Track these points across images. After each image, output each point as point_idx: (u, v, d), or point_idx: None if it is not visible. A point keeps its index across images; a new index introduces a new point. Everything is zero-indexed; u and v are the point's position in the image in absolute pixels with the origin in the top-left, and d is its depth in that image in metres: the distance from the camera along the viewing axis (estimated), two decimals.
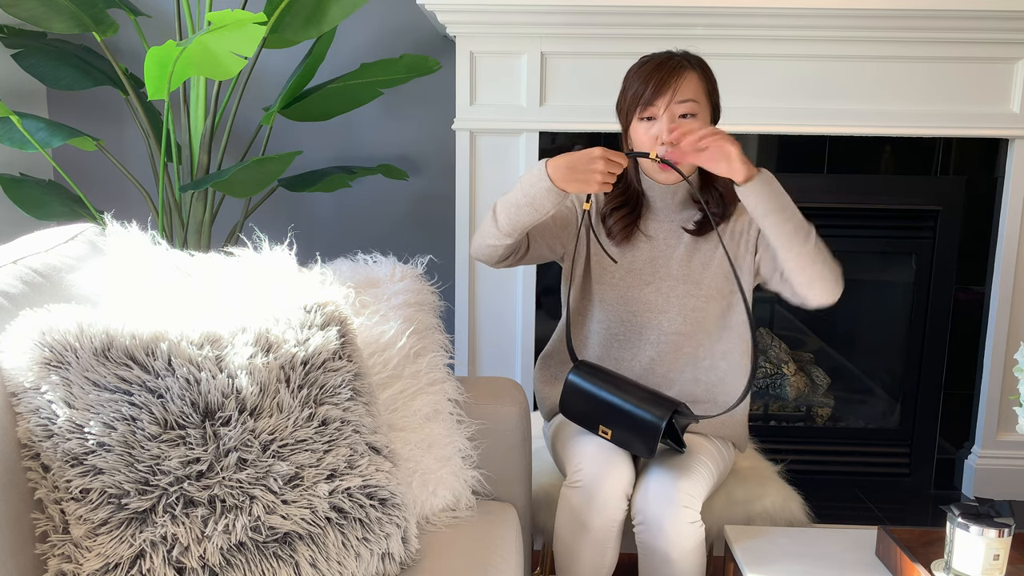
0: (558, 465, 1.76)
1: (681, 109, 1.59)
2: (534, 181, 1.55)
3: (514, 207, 1.58)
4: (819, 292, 1.60)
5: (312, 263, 1.52)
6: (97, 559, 1.05)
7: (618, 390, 1.58)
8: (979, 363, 2.59)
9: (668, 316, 1.72)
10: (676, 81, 1.58)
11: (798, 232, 1.56)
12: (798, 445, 2.66)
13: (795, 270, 1.58)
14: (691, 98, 1.59)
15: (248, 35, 1.75)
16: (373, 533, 1.22)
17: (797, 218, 1.57)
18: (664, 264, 1.72)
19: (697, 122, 1.60)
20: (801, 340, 2.82)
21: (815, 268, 1.57)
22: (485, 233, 1.65)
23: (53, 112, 2.70)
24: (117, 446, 1.07)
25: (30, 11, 2.10)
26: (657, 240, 1.72)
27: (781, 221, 1.55)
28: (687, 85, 1.59)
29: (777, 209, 1.55)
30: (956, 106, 2.40)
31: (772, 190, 1.54)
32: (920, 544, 1.43)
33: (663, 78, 1.59)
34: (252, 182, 2.13)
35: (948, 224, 2.51)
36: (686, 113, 1.60)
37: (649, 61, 1.64)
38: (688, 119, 1.60)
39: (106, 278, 1.35)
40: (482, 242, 1.67)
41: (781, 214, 1.55)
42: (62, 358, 1.07)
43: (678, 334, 1.72)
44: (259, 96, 2.62)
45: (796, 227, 1.56)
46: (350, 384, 1.27)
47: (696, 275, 1.71)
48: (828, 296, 1.61)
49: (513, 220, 1.59)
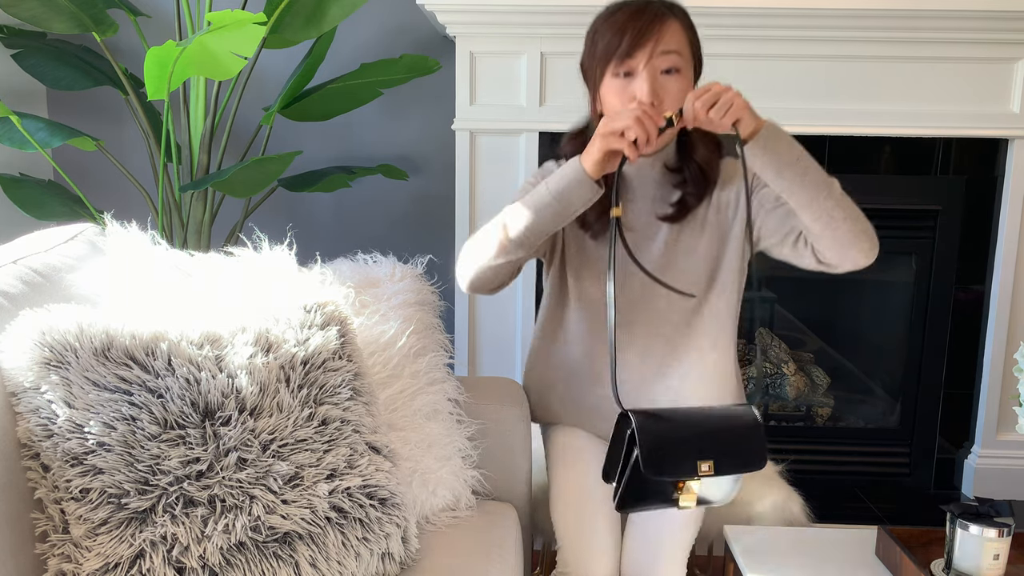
0: None
1: (664, 63, 1.36)
2: (563, 173, 1.36)
3: (534, 211, 1.38)
4: (854, 253, 1.37)
5: (312, 263, 1.52)
6: (97, 559, 1.04)
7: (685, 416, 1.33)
8: (979, 363, 2.59)
9: (653, 310, 1.54)
10: (658, 30, 1.35)
11: (820, 185, 1.33)
12: (798, 445, 2.66)
13: (822, 233, 1.36)
14: (675, 49, 1.36)
15: (248, 35, 1.75)
16: (373, 533, 1.22)
17: (815, 168, 1.34)
18: (645, 255, 1.52)
19: (682, 78, 1.38)
20: (801, 340, 2.82)
21: (846, 226, 1.35)
22: (487, 252, 1.43)
23: (53, 112, 2.70)
24: (117, 446, 1.07)
25: (30, 11, 2.10)
26: (635, 232, 1.52)
27: (799, 174, 1.32)
28: (670, 35, 1.36)
29: (792, 161, 1.31)
30: (956, 106, 2.40)
31: (782, 140, 1.32)
32: (920, 544, 1.43)
33: (642, 28, 1.35)
34: (252, 182, 2.13)
35: (948, 224, 2.51)
36: (669, 68, 1.36)
37: (621, 8, 1.39)
38: (672, 75, 1.37)
39: (106, 278, 1.35)
40: (483, 264, 1.44)
41: (797, 165, 1.32)
42: (62, 358, 1.07)
43: (665, 329, 1.55)
44: (259, 96, 2.62)
45: (817, 179, 1.33)
46: (350, 384, 1.27)
47: (680, 264, 1.52)
48: (864, 257, 1.38)
49: (532, 226, 1.38)
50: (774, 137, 1.31)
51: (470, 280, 1.48)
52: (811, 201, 1.34)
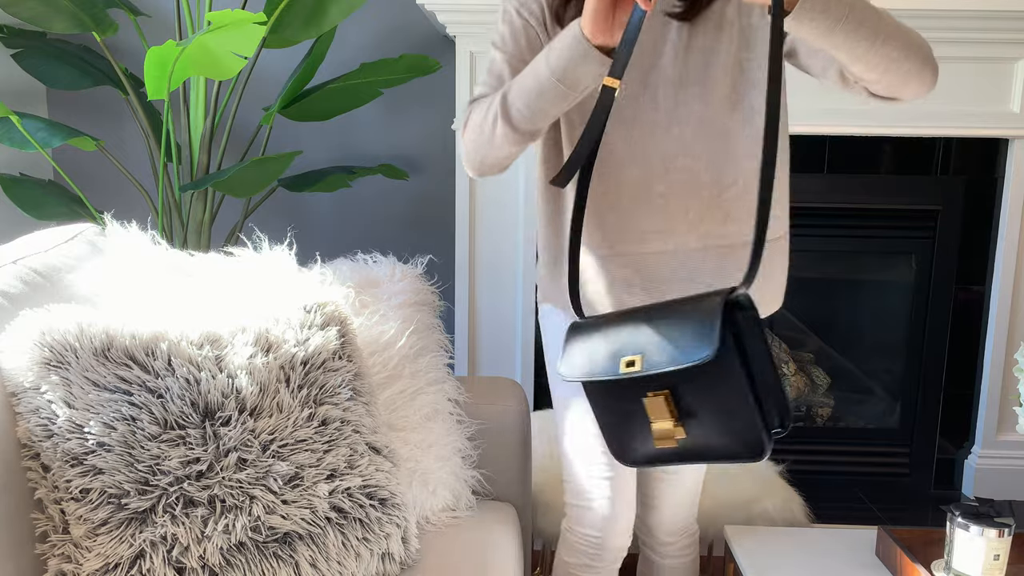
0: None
1: None
2: (563, 47, 1.13)
3: (537, 95, 1.17)
4: (914, 87, 1.17)
5: (312, 263, 1.52)
6: (97, 559, 1.04)
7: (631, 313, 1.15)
8: (979, 363, 2.59)
9: (672, 133, 1.29)
10: None
11: (876, 32, 1.09)
12: (798, 445, 2.66)
13: (878, 79, 1.15)
14: None
15: (248, 35, 1.75)
16: (373, 533, 1.22)
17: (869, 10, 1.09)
18: (653, 68, 1.27)
19: None
20: (801, 340, 2.82)
21: (906, 65, 1.13)
22: (495, 145, 1.24)
23: (53, 112, 2.70)
24: (117, 446, 1.06)
25: (30, 11, 2.10)
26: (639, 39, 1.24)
27: (852, 29, 1.08)
28: None
29: (842, 16, 1.07)
30: (956, 106, 2.40)
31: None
32: (920, 544, 1.43)
33: None
34: (252, 182, 2.13)
35: (948, 224, 2.51)
36: None
37: None
38: None
39: (106, 278, 1.35)
40: (494, 155, 1.27)
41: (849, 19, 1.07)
42: (62, 358, 1.07)
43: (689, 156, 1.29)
44: (259, 96, 2.62)
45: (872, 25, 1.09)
46: (350, 384, 1.27)
47: (697, 75, 1.27)
48: (926, 88, 1.18)
49: (541, 113, 1.19)
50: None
51: (481, 171, 1.32)
52: (865, 53, 1.10)
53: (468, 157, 1.31)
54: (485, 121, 1.24)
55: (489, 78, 1.32)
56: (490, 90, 1.30)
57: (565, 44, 1.13)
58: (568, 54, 1.13)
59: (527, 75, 1.19)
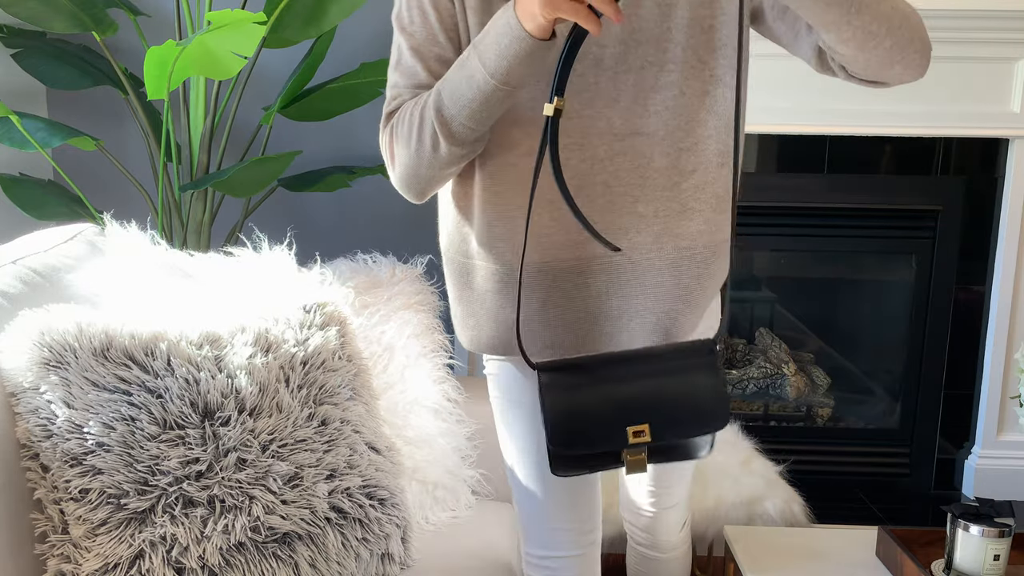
0: None
1: None
2: (500, 44, 0.96)
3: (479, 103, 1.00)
4: (898, 71, 1.03)
5: (312, 263, 1.52)
6: (96, 559, 1.04)
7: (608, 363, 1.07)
8: (979, 363, 2.59)
9: (619, 107, 1.07)
10: None
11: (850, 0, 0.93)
12: (798, 446, 2.66)
13: (854, 56, 1.01)
14: None
15: (248, 35, 1.75)
16: (373, 533, 1.22)
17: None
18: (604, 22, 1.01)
19: None
20: (801, 340, 2.82)
21: (888, 41, 0.98)
22: (442, 161, 1.06)
23: (53, 112, 2.70)
24: (116, 446, 1.06)
25: (30, 10, 2.09)
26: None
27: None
28: None
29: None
30: (956, 106, 2.40)
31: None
32: (920, 544, 1.43)
33: None
34: (252, 182, 2.13)
35: (948, 224, 2.51)
36: None
37: None
38: None
39: (105, 278, 1.34)
40: (442, 173, 1.09)
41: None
42: (61, 358, 1.07)
43: (640, 135, 1.08)
44: (259, 96, 2.61)
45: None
46: (350, 384, 1.27)
47: (652, 31, 1.06)
48: (912, 74, 1.04)
49: (483, 118, 1.02)
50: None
51: (424, 195, 1.14)
52: (837, 21, 0.94)
53: (406, 184, 1.12)
54: (422, 145, 1.06)
55: (400, 77, 1.10)
56: (407, 94, 1.09)
57: (503, 44, 0.96)
58: (509, 53, 0.96)
59: (460, 83, 1.00)
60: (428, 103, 1.04)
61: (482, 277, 1.17)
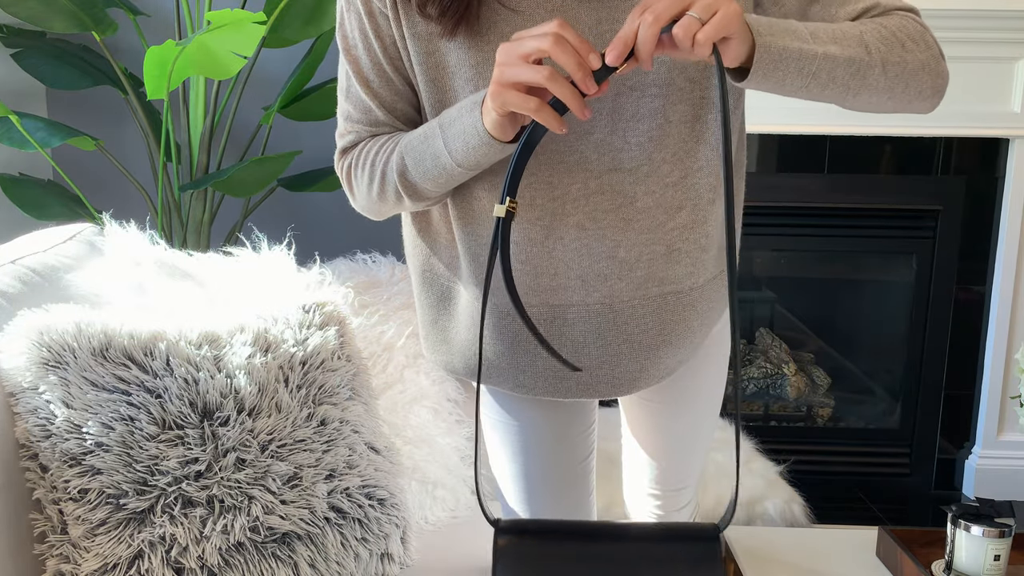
0: None
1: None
2: (461, 131, 0.91)
3: (445, 178, 0.96)
4: (910, 111, 1.02)
5: (311, 263, 1.52)
6: (95, 559, 1.04)
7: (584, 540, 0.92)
8: (979, 363, 2.59)
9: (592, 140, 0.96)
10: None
11: (846, 90, 0.91)
12: (799, 445, 2.66)
13: (862, 109, 0.99)
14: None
15: (247, 34, 1.75)
16: (372, 533, 1.22)
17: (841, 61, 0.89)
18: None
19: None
20: (801, 340, 2.82)
21: (893, 102, 0.97)
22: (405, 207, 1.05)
23: (52, 112, 2.69)
24: (115, 446, 1.06)
25: (29, 10, 2.09)
26: (524, 12, 0.92)
27: (817, 89, 0.90)
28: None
29: (804, 83, 0.89)
30: (956, 106, 2.39)
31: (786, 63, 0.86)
32: (921, 544, 1.43)
33: None
34: (252, 182, 2.13)
35: (948, 224, 2.51)
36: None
37: None
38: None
39: (104, 278, 1.34)
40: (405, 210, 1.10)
41: (812, 84, 0.89)
42: (60, 358, 1.06)
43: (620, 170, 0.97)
44: (259, 96, 2.61)
45: (840, 86, 0.91)
46: (349, 384, 1.27)
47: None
48: (923, 110, 1.04)
49: (448, 185, 0.98)
50: (773, 65, 0.85)
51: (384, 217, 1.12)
52: (840, 102, 0.94)
53: (367, 211, 1.10)
54: (384, 196, 1.02)
55: (352, 109, 1.03)
56: (363, 131, 1.04)
57: (470, 145, 0.91)
58: (477, 153, 0.91)
59: (425, 159, 0.95)
60: (391, 163, 0.99)
61: (463, 305, 1.10)
